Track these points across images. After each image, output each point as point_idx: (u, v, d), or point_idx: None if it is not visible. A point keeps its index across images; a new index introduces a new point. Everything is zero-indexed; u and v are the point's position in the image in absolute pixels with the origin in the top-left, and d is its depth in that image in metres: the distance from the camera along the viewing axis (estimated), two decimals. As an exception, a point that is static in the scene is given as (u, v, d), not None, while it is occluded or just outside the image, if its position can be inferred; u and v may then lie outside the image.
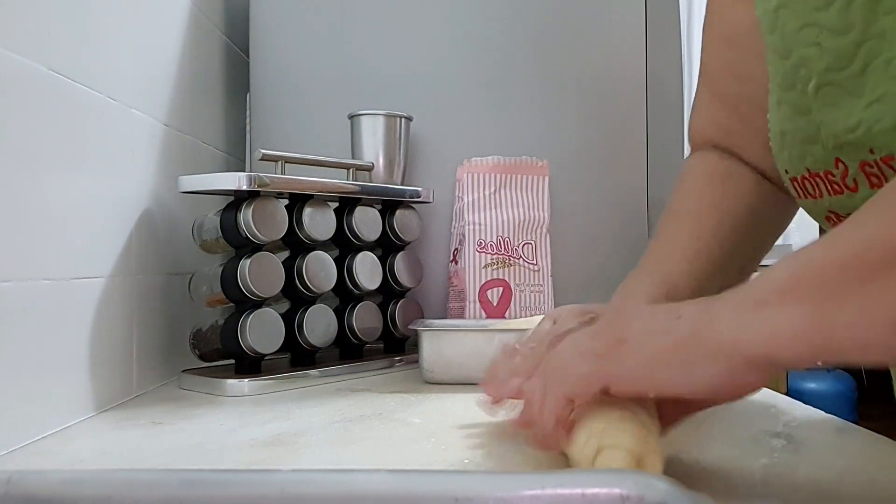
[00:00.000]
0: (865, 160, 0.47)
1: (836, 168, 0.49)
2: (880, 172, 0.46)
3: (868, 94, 0.46)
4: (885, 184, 0.46)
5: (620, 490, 0.30)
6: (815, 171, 0.51)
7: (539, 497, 0.31)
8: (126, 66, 0.72)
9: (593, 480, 0.31)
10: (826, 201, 0.52)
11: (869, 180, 0.47)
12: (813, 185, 0.52)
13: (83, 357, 0.63)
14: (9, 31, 0.52)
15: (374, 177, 0.95)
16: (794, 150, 0.53)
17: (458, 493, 0.31)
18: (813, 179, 0.52)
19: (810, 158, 0.51)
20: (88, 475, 0.35)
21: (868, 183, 0.47)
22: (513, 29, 1.03)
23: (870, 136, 0.46)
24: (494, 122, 1.02)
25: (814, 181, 0.52)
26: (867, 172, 0.47)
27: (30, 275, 0.54)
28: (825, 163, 0.50)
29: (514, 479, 0.33)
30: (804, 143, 0.52)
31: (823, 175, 0.51)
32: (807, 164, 0.52)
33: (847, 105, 0.47)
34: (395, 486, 0.33)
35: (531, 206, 0.97)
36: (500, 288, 0.94)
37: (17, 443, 0.53)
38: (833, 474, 0.46)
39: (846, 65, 0.47)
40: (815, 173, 0.52)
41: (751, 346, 0.37)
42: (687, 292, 0.57)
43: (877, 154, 0.46)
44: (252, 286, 0.75)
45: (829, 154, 0.49)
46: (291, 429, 0.59)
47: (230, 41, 1.08)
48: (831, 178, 0.50)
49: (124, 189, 0.72)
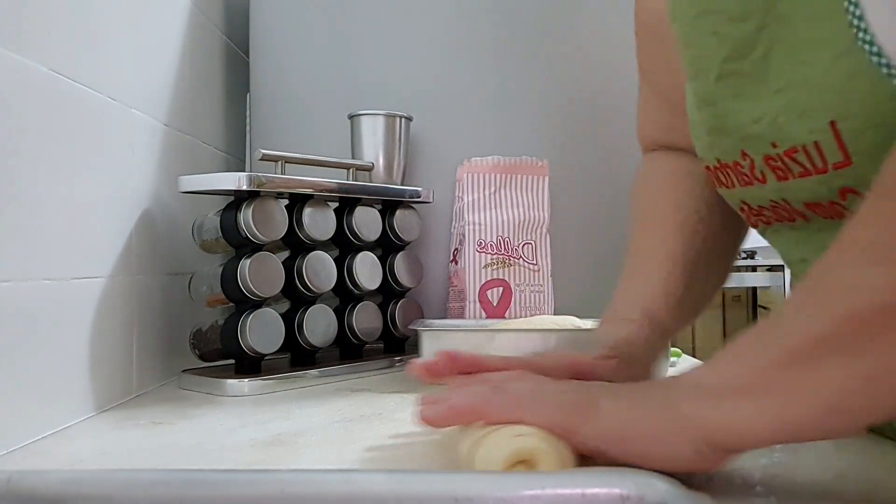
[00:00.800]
0: (768, 154, 0.46)
1: (743, 160, 0.49)
2: (784, 166, 0.45)
3: (773, 82, 0.45)
4: (790, 178, 0.45)
5: (620, 490, 0.30)
6: (724, 162, 0.51)
7: (539, 497, 0.31)
8: (126, 66, 0.72)
9: (593, 480, 0.31)
10: (738, 192, 0.51)
11: (775, 173, 0.47)
12: (725, 176, 0.52)
13: (83, 357, 0.63)
14: (9, 31, 0.52)
15: (374, 177, 0.95)
16: (703, 140, 0.53)
17: (458, 493, 0.31)
18: (724, 170, 0.51)
19: (718, 149, 0.51)
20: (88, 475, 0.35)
21: (775, 176, 0.47)
22: (513, 29, 1.03)
23: (774, 128, 0.45)
24: (494, 122, 1.02)
25: (725, 171, 0.52)
26: (772, 166, 0.46)
27: (30, 275, 0.54)
28: (732, 154, 0.49)
29: (514, 479, 0.33)
30: (711, 133, 0.51)
31: (733, 166, 0.50)
32: (716, 154, 0.51)
33: (751, 94, 0.47)
34: (395, 486, 0.33)
35: (531, 206, 0.97)
36: (500, 288, 0.94)
37: (17, 443, 0.53)
38: (833, 474, 0.46)
39: (747, 53, 0.46)
40: (724, 164, 0.51)
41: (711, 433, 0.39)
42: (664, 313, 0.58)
43: (780, 147, 0.45)
44: (252, 286, 0.75)
45: (735, 145, 0.49)
46: (291, 429, 0.59)
47: (230, 41, 1.08)
48: (740, 169, 0.50)
49: (124, 189, 0.72)
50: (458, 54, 1.02)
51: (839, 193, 0.40)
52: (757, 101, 0.46)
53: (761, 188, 0.49)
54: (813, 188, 0.44)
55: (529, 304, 0.95)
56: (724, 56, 0.48)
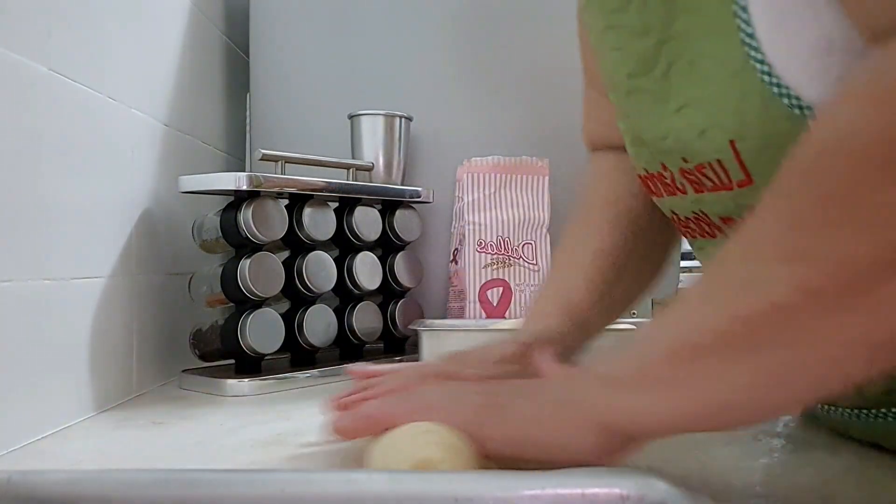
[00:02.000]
0: (683, 167, 0.46)
1: (664, 171, 0.48)
2: (698, 180, 0.45)
3: (674, 100, 0.44)
4: (705, 191, 0.45)
5: (620, 490, 0.30)
6: (650, 172, 0.51)
7: (539, 497, 0.31)
8: (126, 66, 0.72)
9: (593, 480, 0.31)
10: (666, 201, 0.51)
11: (692, 186, 0.46)
12: (653, 185, 0.52)
13: (83, 357, 0.63)
14: (9, 31, 0.52)
15: (374, 177, 0.95)
16: (630, 150, 0.53)
17: (458, 493, 0.31)
18: (651, 179, 0.51)
19: (642, 160, 0.51)
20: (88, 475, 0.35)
21: (693, 188, 0.46)
22: (513, 29, 1.03)
23: (680, 144, 0.45)
24: (494, 122, 1.02)
25: (651, 181, 0.51)
26: (688, 179, 0.46)
27: (30, 275, 0.54)
28: (654, 165, 0.49)
29: (514, 479, 0.33)
30: (633, 144, 0.51)
31: (657, 176, 0.50)
32: (642, 163, 0.51)
33: (656, 112, 0.46)
34: (395, 486, 0.33)
35: (531, 206, 0.97)
36: (500, 288, 0.94)
37: (17, 443, 0.53)
38: (833, 474, 0.46)
39: (649, 69, 0.45)
40: (651, 173, 0.51)
41: (617, 420, 0.39)
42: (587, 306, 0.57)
43: (690, 163, 0.45)
44: (252, 286, 0.75)
45: (655, 158, 0.49)
46: (291, 429, 0.59)
47: (230, 41, 1.08)
48: (663, 179, 0.49)
49: (124, 189, 0.72)
50: (458, 54, 1.02)
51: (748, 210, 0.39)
52: (661, 118, 0.46)
53: (683, 199, 0.48)
54: (724, 203, 0.45)
55: (529, 304, 0.95)
56: (628, 72, 0.48)
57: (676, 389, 0.37)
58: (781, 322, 0.33)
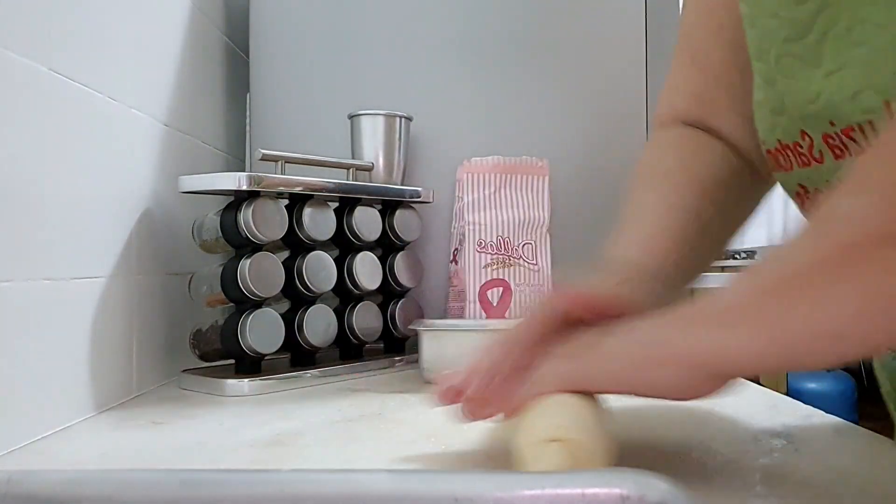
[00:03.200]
0: (827, 132, 0.47)
1: (802, 140, 0.49)
2: (842, 145, 0.46)
3: (827, 64, 0.45)
4: (847, 156, 0.46)
5: (620, 490, 0.30)
6: (785, 143, 0.51)
7: (539, 497, 0.31)
8: (126, 66, 0.72)
9: (593, 480, 0.31)
10: (796, 174, 0.52)
11: (833, 152, 0.47)
12: (784, 157, 0.52)
13: (83, 357, 0.63)
14: (9, 31, 0.52)
15: (374, 177, 0.95)
16: (765, 122, 0.53)
17: (458, 493, 0.31)
18: (784, 151, 0.52)
19: (779, 130, 0.51)
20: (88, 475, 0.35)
21: (832, 155, 0.47)
22: (513, 29, 1.03)
23: (830, 107, 0.45)
24: (494, 122, 1.02)
25: (784, 153, 0.52)
26: (830, 145, 0.47)
27: (30, 275, 0.54)
28: (792, 134, 0.50)
29: (514, 479, 0.33)
30: (773, 113, 0.52)
31: (792, 147, 0.50)
32: (777, 135, 0.52)
33: (806, 76, 0.47)
34: (395, 486, 0.33)
35: (531, 206, 0.97)
36: (500, 288, 0.94)
37: (17, 443, 0.53)
38: (833, 474, 0.46)
39: (804, 34, 0.47)
40: (785, 145, 0.51)
41: (701, 356, 0.40)
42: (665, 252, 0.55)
43: (837, 126, 0.45)
44: (252, 286, 0.75)
45: (795, 125, 0.49)
46: (291, 429, 0.59)
47: (230, 41, 1.08)
48: (799, 149, 0.50)
49: (124, 189, 0.72)
50: (457, 54, 1.02)
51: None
52: (811, 82, 0.47)
53: (818, 169, 0.49)
54: None
55: (529, 304, 0.95)
56: (783, 37, 0.48)
57: (771, 321, 0.37)
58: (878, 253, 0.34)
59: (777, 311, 0.37)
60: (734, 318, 0.39)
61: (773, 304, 0.37)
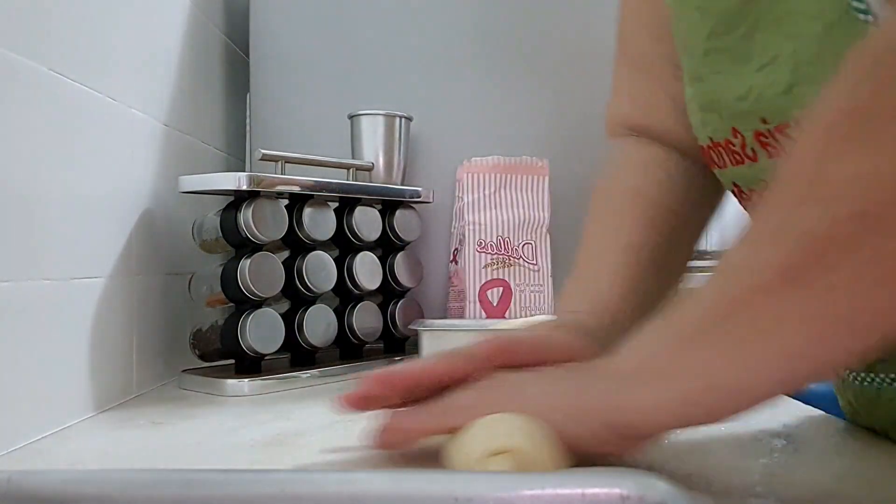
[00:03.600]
0: (759, 130, 0.45)
1: (734, 137, 0.48)
2: (776, 142, 0.45)
3: (757, 58, 0.44)
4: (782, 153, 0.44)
5: (620, 490, 0.30)
6: (716, 141, 0.50)
7: (539, 497, 0.31)
8: (126, 66, 0.72)
9: (593, 480, 0.31)
10: (730, 172, 0.50)
11: (766, 150, 0.46)
12: (717, 155, 0.51)
13: (83, 357, 0.63)
14: (9, 31, 0.52)
15: (374, 177, 0.95)
16: (696, 117, 0.52)
17: (458, 493, 0.31)
18: (716, 149, 0.50)
19: (710, 127, 0.50)
20: (88, 475, 0.35)
21: (766, 153, 0.46)
22: (513, 29, 1.03)
23: (761, 104, 0.44)
24: (494, 122, 1.02)
25: (717, 150, 0.50)
26: (762, 143, 0.46)
27: (30, 275, 0.54)
28: (723, 132, 0.49)
29: (514, 479, 0.33)
30: (702, 110, 0.50)
31: (724, 144, 0.49)
32: (708, 132, 0.50)
33: (735, 71, 0.46)
34: (395, 486, 0.33)
35: (531, 206, 0.97)
36: (500, 288, 0.94)
37: (17, 443, 0.53)
38: (833, 474, 0.46)
39: (732, 28, 0.45)
40: (716, 142, 0.50)
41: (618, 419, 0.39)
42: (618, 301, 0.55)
43: (770, 124, 0.44)
44: (252, 286, 0.75)
45: (726, 123, 0.48)
46: (291, 429, 0.59)
47: (230, 41, 1.08)
48: (732, 147, 0.49)
49: (124, 189, 0.72)
50: (457, 54, 1.02)
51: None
52: (741, 77, 0.45)
53: (752, 167, 0.48)
54: None
55: (529, 304, 0.95)
56: (708, 31, 0.47)
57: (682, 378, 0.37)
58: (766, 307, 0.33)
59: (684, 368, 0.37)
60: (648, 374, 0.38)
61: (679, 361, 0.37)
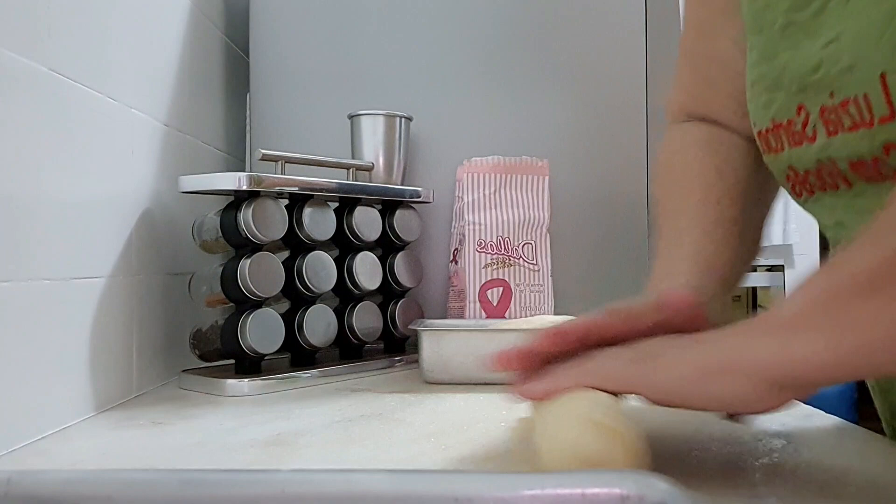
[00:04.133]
0: (825, 105, 0.47)
1: (797, 116, 0.49)
2: (837, 119, 0.46)
3: (825, 34, 0.46)
4: (840, 132, 0.46)
5: (620, 490, 0.30)
6: (778, 122, 0.51)
7: (539, 497, 0.31)
8: (126, 66, 0.72)
9: (593, 480, 0.31)
10: (786, 155, 0.52)
11: (826, 128, 0.47)
12: (776, 138, 0.52)
13: (83, 357, 0.63)
14: (9, 31, 0.52)
15: (374, 177, 0.95)
16: (760, 99, 0.53)
17: (458, 493, 0.31)
18: (776, 131, 0.52)
19: (775, 106, 0.51)
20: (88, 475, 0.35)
21: (826, 131, 0.47)
22: (513, 29, 1.03)
23: (829, 79, 0.46)
24: (494, 122, 1.02)
25: (776, 133, 0.52)
26: (825, 119, 0.47)
27: (30, 275, 0.54)
28: (788, 110, 0.50)
29: (514, 479, 0.33)
30: (769, 90, 0.52)
31: (786, 125, 0.50)
32: (771, 113, 0.52)
33: (807, 45, 0.47)
34: (395, 486, 0.33)
35: (531, 206, 0.97)
36: (500, 288, 0.94)
37: (17, 443, 0.53)
38: (833, 474, 0.46)
39: (806, 4, 0.47)
40: (778, 124, 0.51)
41: (770, 366, 0.39)
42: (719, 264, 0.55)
43: (836, 98, 0.45)
44: (252, 286, 0.75)
45: (792, 100, 0.49)
46: (291, 429, 0.59)
47: (230, 41, 1.08)
48: (793, 127, 0.50)
49: (124, 189, 0.72)
50: (458, 54, 1.02)
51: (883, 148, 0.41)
52: (811, 52, 0.47)
53: (809, 148, 0.49)
54: (858, 143, 0.45)
55: (529, 304, 0.95)
56: (787, 6, 0.49)
57: (838, 329, 0.36)
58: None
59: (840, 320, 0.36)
60: (805, 323, 0.38)
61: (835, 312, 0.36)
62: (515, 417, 0.61)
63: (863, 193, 0.47)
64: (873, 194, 0.45)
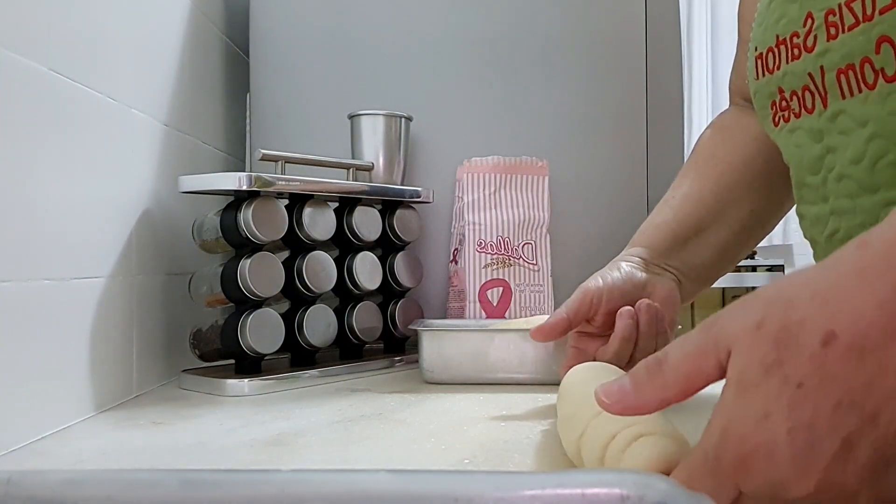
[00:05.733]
0: (831, 8, 0.49)
1: (803, 27, 0.52)
2: (840, 20, 0.48)
3: None
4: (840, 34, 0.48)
5: (620, 490, 0.30)
6: (782, 38, 0.54)
7: (539, 497, 0.31)
8: (126, 66, 0.72)
9: (593, 480, 0.31)
10: (778, 76, 0.55)
11: (828, 32, 0.50)
12: (774, 57, 0.55)
13: (83, 357, 0.63)
14: (9, 31, 0.52)
15: (374, 177, 0.95)
16: (772, 17, 0.56)
17: (458, 493, 0.31)
18: (777, 48, 0.55)
19: (784, 20, 0.54)
20: (88, 475, 0.35)
21: (826, 36, 0.50)
22: (513, 29, 1.03)
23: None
24: (494, 122, 1.02)
25: (777, 51, 0.55)
26: (829, 23, 0.49)
27: (30, 275, 0.54)
28: (796, 22, 0.53)
29: (514, 479, 0.33)
30: (785, 3, 0.54)
31: (789, 38, 0.53)
32: (778, 29, 0.55)
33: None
34: (395, 486, 0.33)
35: (531, 206, 0.97)
36: (500, 288, 0.94)
37: (17, 443, 0.53)
38: (833, 474, 0.46)
39: None
40: (781, 40, 0.54)
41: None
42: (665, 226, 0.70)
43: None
44: (252, 286, 0.75)
45: (804, 8, 0.52)
46: (291, 429, 0.59)
47: (230, 41, 1.08)
48: (795, 40, 0.53)
49: (124, 189, 0.72)
50: (457, 54, 1.02)
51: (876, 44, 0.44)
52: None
53: (805, 60, 0.52)
54: (854, 42, 0.47)
55: (529, 304, 0.95)
56: None
57: None
58: None
59: None
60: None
61: None
62: (515, 416, 0.61)
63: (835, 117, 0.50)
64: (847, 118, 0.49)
